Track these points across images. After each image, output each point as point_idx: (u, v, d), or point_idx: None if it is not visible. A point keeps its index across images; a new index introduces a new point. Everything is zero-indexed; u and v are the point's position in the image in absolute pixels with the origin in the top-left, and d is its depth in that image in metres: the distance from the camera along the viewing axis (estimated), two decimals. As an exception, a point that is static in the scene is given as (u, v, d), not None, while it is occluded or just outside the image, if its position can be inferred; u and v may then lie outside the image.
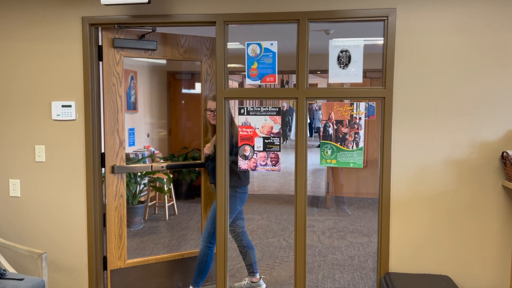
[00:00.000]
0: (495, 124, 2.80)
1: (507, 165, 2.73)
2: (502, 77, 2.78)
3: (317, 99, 3.13)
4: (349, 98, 2.97)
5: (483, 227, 2.84)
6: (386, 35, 2.87)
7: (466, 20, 2.80)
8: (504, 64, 2.77)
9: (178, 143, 6.38)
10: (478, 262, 2.86)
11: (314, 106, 14.86)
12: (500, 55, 2.77)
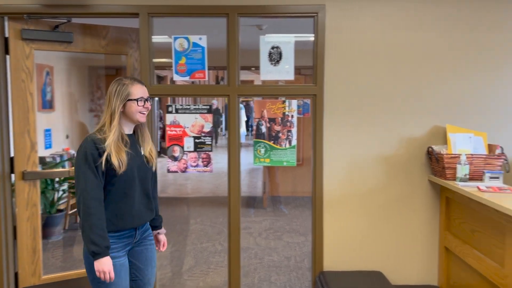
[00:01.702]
0: (422, 120, 3.02)
1: (432, 160, 2.95)
2: (429, 75, 3.00)
3: (249, 96, 3.18)
4: (281, 96, 3.05)
5: (412, 222, 3.05)
6: (316, 32, 2.99)
7: (395, 18, 2.98)
8: (431, 62, 2.99)
9: (102, 145, 6.16)
10: (408, 256, 3.07)
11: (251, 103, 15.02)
12: (428, 53, 2.99)
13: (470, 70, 2.98)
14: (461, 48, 2.98)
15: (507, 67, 2.97)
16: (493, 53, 2.97)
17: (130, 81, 2.11)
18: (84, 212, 1.95)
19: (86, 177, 1.97)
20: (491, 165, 2.78)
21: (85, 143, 2.02)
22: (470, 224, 2.63)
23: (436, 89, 3.00)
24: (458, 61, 2.98)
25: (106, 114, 2.09)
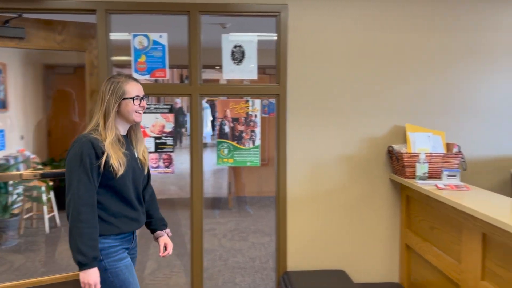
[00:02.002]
0: (383, 120, 3.09)
1: (393, 159, 3.03)
2: (390, 75, 3.07)
3: (211, 95, 3.16)
4: (244, 95, 3.05)
5: (374, 220, 3.11)
6: (279, 32, 3.00)
7: (357, 19, 3.04)
8: (392, 63, 3.06)
9: (59, 146, 5.96)
10: (370, 254, 3.13)
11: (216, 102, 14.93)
12: (389, 54, 3.06)
13: (429, 71, 3.07)
14: (421, 49, 3.06)
15: (465, 67, 3.08)
16: (451, 54, 3.07)
17: (124, 79, 2.00)
18: (74, 218, 1.83)
19: (79, 180, 1.85)
20: (449, 163, 2.88)
21: (79, 143, 1.88)
22: (429, 221, 2.71)
23: (397, 89, 3.07)
24: (418, 61, 3.07)
25: (99, 113, 1.96)
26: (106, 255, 1.94)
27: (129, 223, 2.01)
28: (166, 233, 2.26)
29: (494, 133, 3.11)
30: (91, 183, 1.86)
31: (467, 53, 3.08)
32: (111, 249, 1.96)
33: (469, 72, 3.08)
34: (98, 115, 1.97)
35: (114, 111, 1.95)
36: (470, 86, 3.09)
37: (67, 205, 1.87)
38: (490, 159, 3.11)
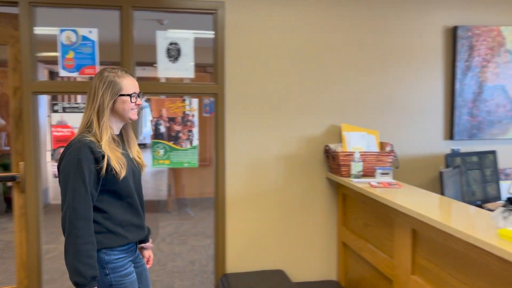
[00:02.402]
0: (320, 119, 3.16)
1: (329, 158, 3.10)
2: (326, 75, 3.14)
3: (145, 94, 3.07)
4: (180, 94, 3.00)
5: (312, 219, 3.17)
6: (216, 29, 2.98)
7: (294, 19, 3.08)
8: (328, 63, 3.14)
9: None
10: (308, 253, 3.19)
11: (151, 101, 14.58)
12: (325, 54, 3.13)
13: (364, 71, 3.19)
14: (356, 50, 3.17)
15: (398, 68, 3.22)
16: (384, 55, 3.20)
17: (121, 73, 1.84)
18: (69, 233, 1.67)
19: (75, 191, 1.68)
20: (382, 161, 2.99)
21: (75, 149, 1.71)
22: (364, 218, 2.81)
23: (333, 89, 3.16)
24: (353, 62, 3.17)
25: (91, 111, 1.79)
26: (113, 270, 1.79)
27: (136, 231, 1.86)
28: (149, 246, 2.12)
29: (424, 132, 3.28)
30: (87, 194, 1.70)
31: (398, 55, 3.22)
32: (119, 262, 1.81)
33: (400, 73, 3.23)
34: (90, 112, 1.80)
35: (108, 108, 1.79)
36: (402, 87, 3.24)
37: (63, 218, 1.71)
38: (420, 157, 3.27)
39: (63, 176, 1.72)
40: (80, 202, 1.68)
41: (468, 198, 3.05)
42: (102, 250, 1.76)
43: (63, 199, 1.71)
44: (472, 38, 3.26)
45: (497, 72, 3.30)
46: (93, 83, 1.83)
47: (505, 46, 3.30)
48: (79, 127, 1.82)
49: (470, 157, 3.17)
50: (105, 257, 1.77)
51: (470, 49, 3.26)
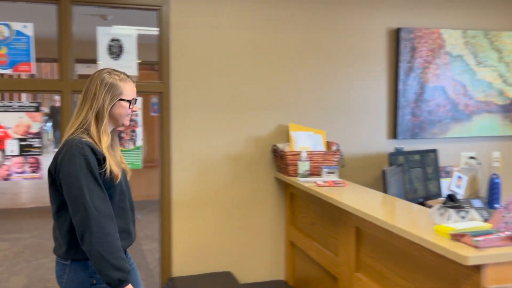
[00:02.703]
0: (268, 119, 3.17)
1: (277, 157, 3.12)
2: (275, 75, 3.16)
3: (86, 93, 2.96)
4: (122, 93, 2.91)
5: (260, 219, 3.18)
6: (161, 26, 2.92)
7: (243, 18, 3.07)
8: (275, 63, 3.15)
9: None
10: (256, 254, 3.19)
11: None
12: (274, 55, 3.14)
13: (311, 71, 3.23)
14: (303, 50, 3.20)
15: (344, 69, 3.29)
16: (330, 55, 3.26)
17: (123, 76, 1.79)
18: (98, 234, 1.59)
19: (90, 190, 1.62)
20: (328, 160, 3.05)
21: (78, 150, 1.64)
22: (311, 217, 2.85)
23: (280, 89, 3.18)
24: (300, 62, 3.21)
25: (89, 112, 1.72)
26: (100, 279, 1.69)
27: (128, 238, 1.80)
28: None
29: (369, 131, 3.37)
30: (104, 192, 1.66)
31: (344, 55, 3.29)
32: None
33: (346, 73, 3.30)
34: (88, 113, 1.72)
35: (107, 111, 1.73)
36: (348, 87, 3.31)
37: (79, 222, 1.61)
38: (366, 156, 3.37)
39: (71, 177, 1.63)
40: (100, 201, 1.63)
41: (411, 196, 3.17)
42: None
43: (76, 201, 1.61)
44: (414, 40, 3.38)
45: (438, 73, 3.45)
46: (93, 82, 1.76)
47: (445, 48, 3.46)
48: (72, 126, 1.74)
49: (413, 155, 3.30)
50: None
51: (412, 50, 3.39)
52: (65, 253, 1.71)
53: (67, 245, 1.70)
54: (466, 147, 3.58)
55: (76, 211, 1.61)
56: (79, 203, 1.60)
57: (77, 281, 1.72)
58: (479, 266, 1.50)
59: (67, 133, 1.75)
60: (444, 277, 1.68)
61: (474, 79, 3.53)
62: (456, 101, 3.50)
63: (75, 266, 1.71)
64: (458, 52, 3.48)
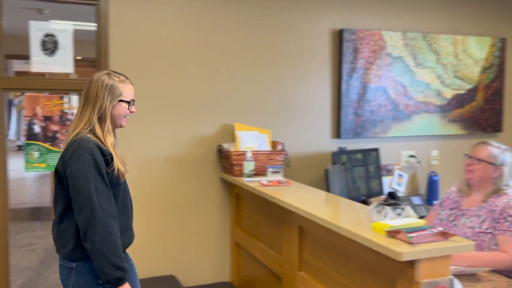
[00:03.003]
0: (213, 119, 3.15)
1: (222, 157, 3.11)
2: (220, 74, 3.14)
3: (17, 90, 2.82)
4: (57, 91, 2.80)
5: (205, 221, 3.16)
6: (99, 22, 2.83)
7: (189, 15, 3.03)
8: (220, 62, 3.13)
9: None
10: (201, 256, 3.17)
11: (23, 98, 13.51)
12: (219, 54, 3.12)
13: (256, 71, 3.24)
14: (248, 49, 3.21)
15: (289, 68, 3.33)
16: (275, 55, 3.29)
17: (123, 78, 1.89)
18: (102, 233, 1.67)
19: (97, 190, 1.70)
20: (273, 160, 3.08)
21: (87, 149, 1.71)
22: (256, 217, 2.86)
23: (226, 89, 3.17)
24: (245, 61, 3.21)
25: (92, 113, 1.80)
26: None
27: (129, 236, 1.91)
28: None
29: (313, 131, 3.43)
30: (110, 192, 1.74)
31: (289, 55, 3.33)
32: None
33: (291, 73, 3.34)
34: (92, 114, 1.81)
35: (109, 112, 1.83)
36: (293, 87, 3.36)
37: (84, 221, 1.67)
38: (310, 155, 3.42)
39: (78, 176, 1.69)
40: (106, 201, 1.71)
41: (353, 194, 3.26)
42: None
43: (82, 201, 1.68)
44: (356, 41, 3.48)
45: (379, 74, 3.57)
46: (94, 83, 1.84)
47: (386, 49, 3.58)
48: (76, 127, 1.81)
49: (355, 154, 3.39)
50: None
51: (355, 51, 3.48)
52: (71, 252, 1.76)
53: (74, 244, 1.75)
54: (406, 146, 3.73)
55: (82, 209, 1.68)
56: (86, 202, 1.67)
57: (83, 283, 1.79)
58: (413, 262, 1.56)
59: (70, 134, 1.81)
60: (381, 273, 1.74)
61: (414, 80, 3.69)
62: (396, 101, 3.64)
63: (81, 268, 1.78)
64: (398, 53, 3.62)
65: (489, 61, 3.93)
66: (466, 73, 3.86)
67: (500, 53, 3.96)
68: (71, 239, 1.76)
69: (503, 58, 3.97)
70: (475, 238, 2.19)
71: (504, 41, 3.96)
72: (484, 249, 2.17)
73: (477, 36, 3.86)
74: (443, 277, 1.60)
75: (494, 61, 3.94)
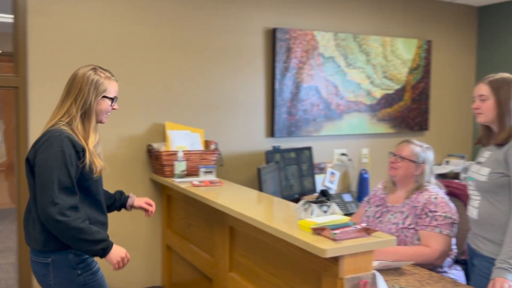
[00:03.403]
0: (143, 117, 3.07)
1: (152, 158, 3.04)
2: (150, 72, 3.06)
3: None
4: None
5: (134, 224, 3.07)
6: (16, 13, 2.67)
7: (116, 9, 2.92)
8: (150, 60, 3.06)
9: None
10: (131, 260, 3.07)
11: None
12: (148, 51, 3.04)
13: (189, 68, 3.20)
14: (179, 47, 3.16)
15: (222, 67, 3.31)
16: (208, 53, 3.26)
17: (109, 74, 1.94)
18: (61, 224, 1.72)
19: (60, 183, 1.74)
20: (206, 160, 3.05)
21: (57, 140, 1.76)
22: (187, 219, 2.83)
23: (157, 86, 3.10)
24: (177, 59, 3.16)
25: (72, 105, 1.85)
26: (84, 268, 1.89)
27: (104, 229, 1.98)
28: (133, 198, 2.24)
29: (247, 130, 3.45)
30: (74, 186, 1.78)
31: (223, 53, 3.32)
32: (88, 260, 1.91)
33: (225, 71, 3.33)
34: (72, 107, 1.86)
35: (95, 108, 1.88)
36: (226, 85, 3.35)
37: (44, 211, 1.72)
38: (244, 154, 3.44)
39: (44, 166, 1.74)
40: (67, 194, 1.75)
41: (286, 192, 3.31)
42: (70, 251, 1.83)
43: (44, 190, 1.73)
44: (289, 41, 3.54)
45: (312, 73, 3.65)
46: (79, 77, 1.88)
47: (318, 49, 3.67)
48: (53, 118, 1.86)
49: (289, 153, 3.44)
50: (76, 257, 1.85)
51: (288, 51, 3.54)
52: (44, 243, 1.80)
53: (45, 235, 1.80)
54: (338, 145, 3.85)
55: (43, 199, 1.73)
56: (47, 193, 1.72)
57: (63, 276, 1.85)
58: (337, 258, 1.60)
59: (48, 124, 1.86)
60: (308, 271, 1.77)
61: (345, 80, 3.81)
62: (328, 101, 3.74)
63: (57, 262, 1.83)
64: (330, 53, 3.72)
65: (416, 62, 4.14)
66: (395, 73, 4.04)
67: (426, 54, 4.18)
68: (42, 229, 1.80)
69: (429, 59, 4.20)
70: (399, 234, 2.29)
71: (429, 43, 4.19)
72: (407, 244, 2.27)
73: (405, 38, 4.06)
74: (366, 272, 1.66)
75: (420, 62, 4.16)
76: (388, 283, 1.95)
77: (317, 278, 1.71)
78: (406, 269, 2.13)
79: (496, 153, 2.04)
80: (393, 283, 1.96)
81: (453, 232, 2.26)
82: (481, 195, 2.08)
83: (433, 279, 2.02)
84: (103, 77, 1.90)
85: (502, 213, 2.00)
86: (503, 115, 2.02)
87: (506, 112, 2.01)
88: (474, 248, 2.14)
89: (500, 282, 1.84)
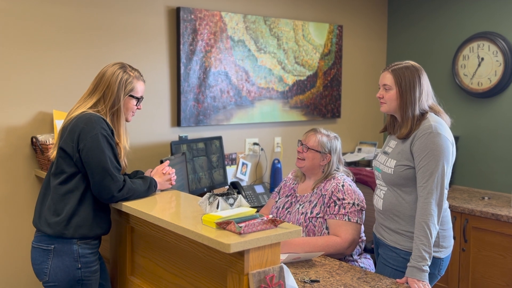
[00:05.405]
0: (25, 107, 2.85)
1: (37, 151, 2.84)
2: (33, 55, 2.84)
3: None
4: None
5: (19, 226, 2.86)
6: None
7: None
8: (38, 42, 2.83)
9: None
10: (16, 267, 2.87)
11: None
12: (35, 32, 2.81)
13: (81, 51, 3.02)
14: (71, 26, 2.96)
15: (120, 49, 3.16)
16: (103, 33, 3.10)
17: (137, 74, 2.17)
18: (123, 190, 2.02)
19: (112, 162, 2.01)
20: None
21: (97, 121, 2.01)
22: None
23: (43, 70, 2.89)
24: (66, 40, 2.96)
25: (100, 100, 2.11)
26: (85, 264, 1.99)
27: (109, 222, 2.14)
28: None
29: (151, 119, 3.34)
30: (118, 162, 2.05)
31: (120, 34, 3.17)
32: (91, 257, 2.03)
33: (123, 54, 3.18)
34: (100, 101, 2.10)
35: (123, 108, 2.12)
36: (124, 69, 3.21)
37: (105, 188, 1.97)
38: (149, 145, 3.33)
39: (96, 149, 1.97)
40: (117, 170, 2.03)
41: (194, 186, 3.27)
42: (76, 241, 1.98)
43: (101, 171, 1.96)
44: (195, 22, 3.47)
45: (220, 57, 3.62)
46: (108, 74, 2.12)
47: (226, 32, 3.65)
48: (82, 108, 2.08)
49: (197, 143, 3.40)
50: (80, 250, 1.98)
51: (193, 32, 3.47)
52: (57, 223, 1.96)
53: (68, 217, 1.96)
54: (250, 134, 3.87)
55: (101, 178, 1.97)
56: (106, 173, 1.97)
57: (62, 266, 1.95)
58: (242, 253, 1.60)
59: (74, 111, 2.10)
60: (213, 268, 1.76)
61: (256, 65, 3.83)
62: (239, 87, 3.74)
63: (59, 250, 1.95)
64: (239, 37, 3.72)
65: (328, 48, 4.28)
66: (306, 59, 4.14)
67: (337, 40, 4.34)
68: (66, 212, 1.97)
69: (340, 45, 4.36)
70: (307, 224, 2.35)
71: (341, 28, 4.35)
72: (316, 234, 2.34)
73: (316, 22, 4.17)
74: (273, 265, 1.68)
75: (332, 47, 4.31)
76: (298, 275, 2.00)
77: (222, 275, 1.70)
78: (316, 260, 2.19)
79: (401, 145, 2.16)
80: (303, 275, 2.01)
81: (361, 219, 2.38)
82: (387, 186, 2.19)
83: (343, 269, 2.10)
84: (132, 76, 2.13)
85: (407, 204, 2.12)
86: (405, 105, 2.13)
87: (409, 103, 2.12)
88: (379, 238, 2.27)
89: (412, 284, 1.95)
